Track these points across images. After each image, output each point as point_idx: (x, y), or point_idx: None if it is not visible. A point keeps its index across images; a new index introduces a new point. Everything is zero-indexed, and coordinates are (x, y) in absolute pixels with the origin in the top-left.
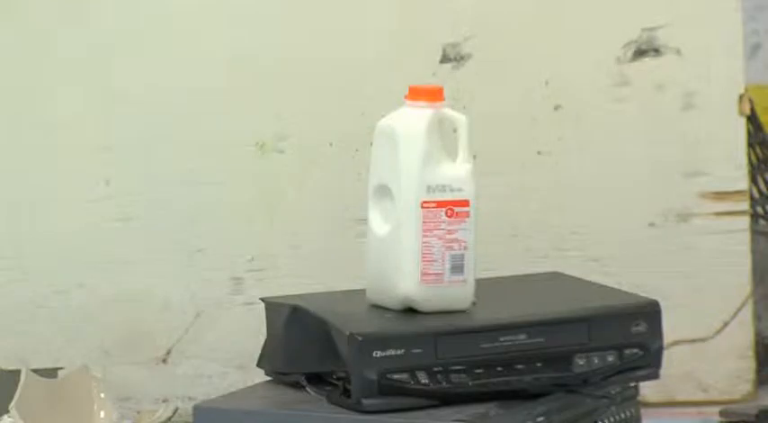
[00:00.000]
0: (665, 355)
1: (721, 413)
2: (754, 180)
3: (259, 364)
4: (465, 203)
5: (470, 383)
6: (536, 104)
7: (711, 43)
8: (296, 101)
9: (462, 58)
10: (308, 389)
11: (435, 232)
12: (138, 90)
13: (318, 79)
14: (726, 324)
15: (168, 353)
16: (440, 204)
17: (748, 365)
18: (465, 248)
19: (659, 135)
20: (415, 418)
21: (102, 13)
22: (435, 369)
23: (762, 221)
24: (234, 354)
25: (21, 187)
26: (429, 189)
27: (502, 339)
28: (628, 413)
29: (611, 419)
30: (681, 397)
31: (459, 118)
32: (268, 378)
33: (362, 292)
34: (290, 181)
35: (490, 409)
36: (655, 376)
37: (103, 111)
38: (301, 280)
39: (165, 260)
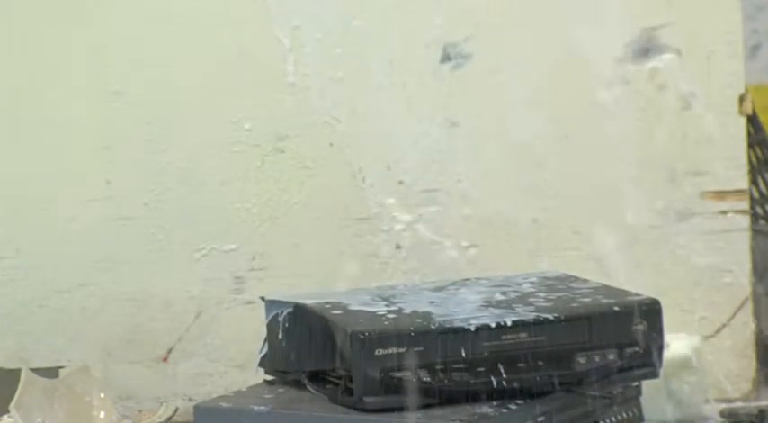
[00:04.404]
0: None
1: (721, 413)
2: (754, 180)
3: (260, 364)
4: None
5: (472, 381)
6: (536, 104)
7: (711, 43)
8: (296, 101)
9: (462, 58)
10: (309, 387)
11: None
12: (138, 90)
13: (318, 79)
14: (726, 324)
15: (169, 352)
16: None
17: (748, 365)
18: None
19: (659, 135)
20: (416, 418)
21: (102, 13)
22: (437, 367)
23: (762, 221)
24: (235, 353)
25: (21, 187)
26: None
27: (503, 338)
28: (630, 413)
29: (614, 419)
30: None
31: None
32: (269, 377)
33: (363, 290)
34: (290, 181)
35: (491, 408)
36: (655, 375)
37: (103, 111)
38: (302, 279)
39: (165, 260)
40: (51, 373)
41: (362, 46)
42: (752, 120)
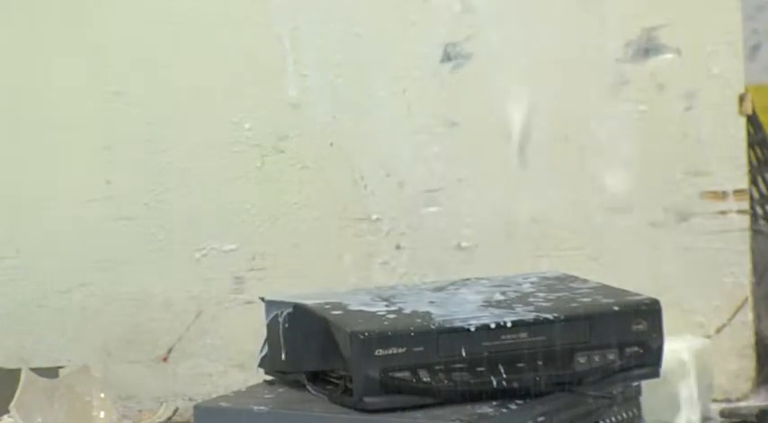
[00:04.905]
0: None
1: (721, 413)
2: (754, 180)
3: (260, 364)
4: None
5: (472, 381)
6: (536, 104)
7: (711, 43)
8: (296, 101)
9: (462, 58)
10: (309, 388)
11: None
12: (138, 90)
13: (318, 79)
14: (726, 324)
15: (169, 352)
16: None
17: (748, 365)
18: None
19: (659, 135)
20: (416, 418)
21: (102, 13)
22: (437, 367)
23: (762, 221)
24: (235, 353)
25: (21, 187)
26: None
27: (503, 338)
28: (630, 413)
29: (613, 419)
30: None
31: None
32: (269, 377)
33: (363, 290)
34: (290, 181)
35: (491, 408)
36: (655, 375)
37: (103, 111)
38: (301, 279)
39: (166, 260)
40: (51, 373)
41: (362, 45)
42: (752, 120)
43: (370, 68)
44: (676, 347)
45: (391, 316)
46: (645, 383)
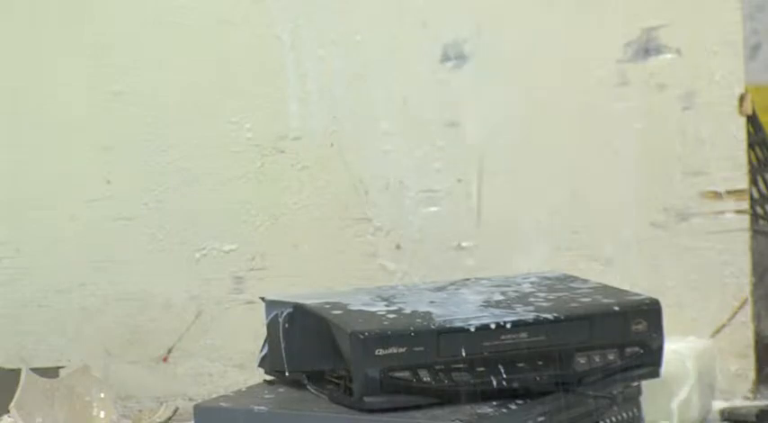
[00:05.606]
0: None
1: (721, 413)
2: (754, 180)
3: (260, 364)
4: None
5: (472, 382)
6: (536, 104)
7: (711, 43)
8: (296, 100)
9: (462, 58)
10: (309, 388)
11: None
12: (138, 90)
13: (318, 79)
14: (726, 324)
15: (169, 352)
16: None
17: (748, 365)
18: None
19: (659, 135)
20: (416, 418)
21: (102, 12)
22: (437, 367)
23: (762, 221)
24: (234, 353)
25: (21, 187)
26: None
27: (503, 338)
28: (630, 413)
29: (613, 419)
30: None
31: None
32: (269, 377)
33: (363, 290)
34: (290, 181)
35: (491, 408)
36: (655, 375)
37: (103, 111)
38: (302, 279)
39: (166, 260)
40: (51, 373)
41: (362, 43)
42: (752, 120)
43: (369, 67)
44: (676, 348)
45: (391, 316)
46: (645, 383)
